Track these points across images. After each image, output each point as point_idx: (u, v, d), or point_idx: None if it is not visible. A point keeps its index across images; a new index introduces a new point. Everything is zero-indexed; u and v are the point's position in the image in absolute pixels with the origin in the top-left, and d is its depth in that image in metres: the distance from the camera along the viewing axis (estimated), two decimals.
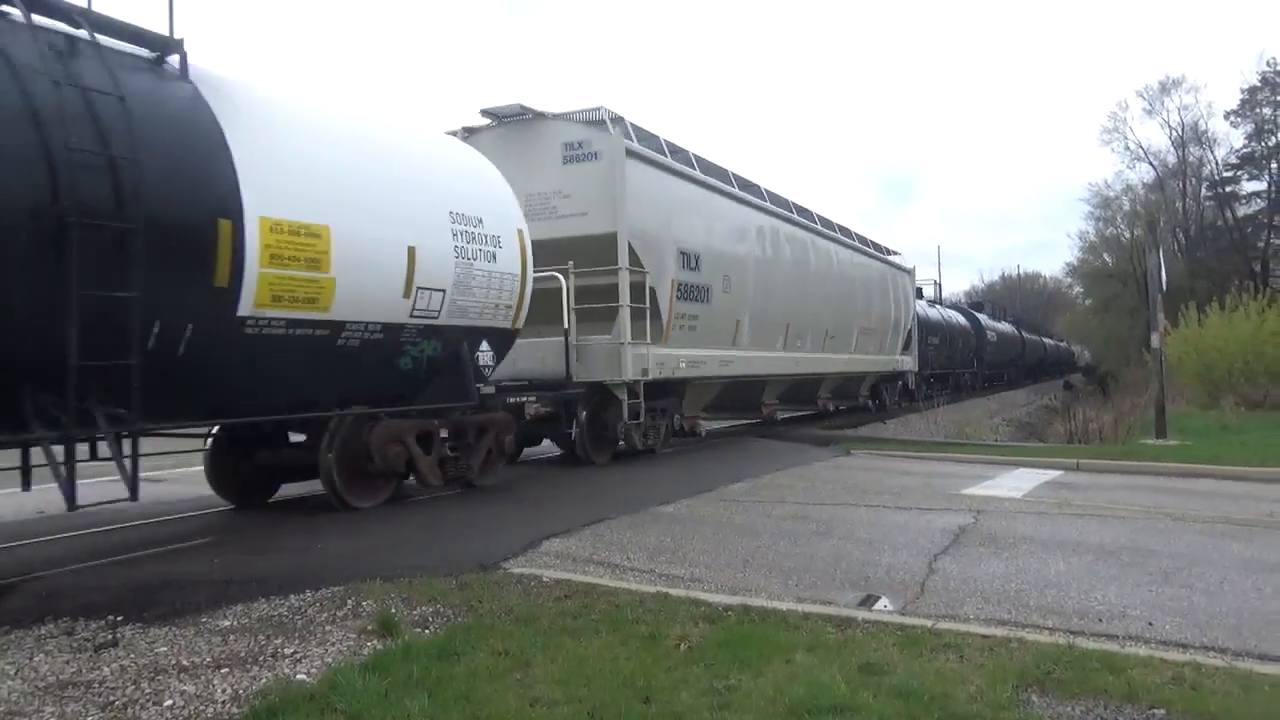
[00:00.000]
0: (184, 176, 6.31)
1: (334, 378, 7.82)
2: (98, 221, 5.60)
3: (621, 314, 11.31)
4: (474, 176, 9.39)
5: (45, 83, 5.55)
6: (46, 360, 5.43)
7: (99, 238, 5.60)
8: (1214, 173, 49.13)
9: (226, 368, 6.75)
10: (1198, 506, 8.76)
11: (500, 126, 12.20)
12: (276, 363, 7.16)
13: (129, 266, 5.73)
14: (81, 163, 5.59)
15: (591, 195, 11.56)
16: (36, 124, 5.46)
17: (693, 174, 13.49)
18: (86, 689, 3.84)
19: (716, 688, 3.82)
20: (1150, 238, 17.42)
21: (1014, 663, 4.12)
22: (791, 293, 16.27)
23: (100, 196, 5.66)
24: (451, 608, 5.04)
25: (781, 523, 7.84)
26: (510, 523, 7.78)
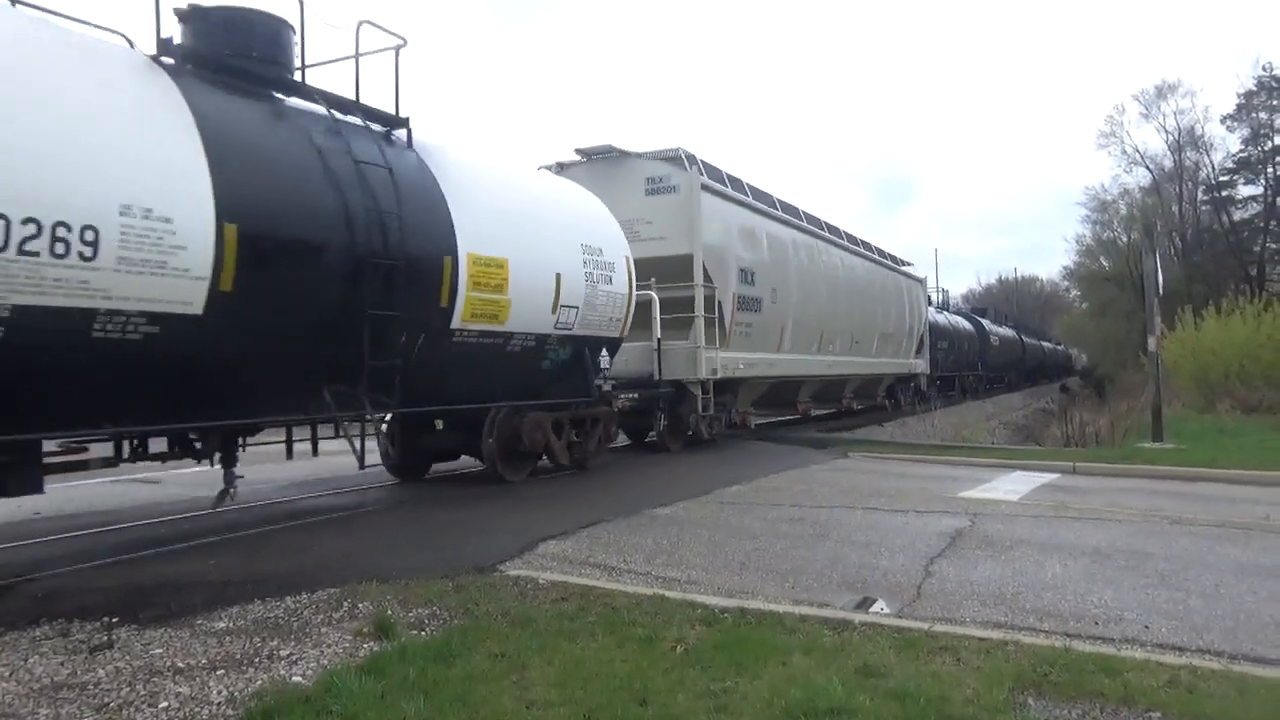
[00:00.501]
0: (425, 225, 8.40)
1: (500, 376, 9.80)
2: (378, 260, 7.68)
3: (697, 323, 13.43)
4: (594, 214, 11.47)
5: (343, 159, 7.66)
6: (342, 360, 7.61)
7: (378, 272, 7.69)
8: (1210, 177, 49.27)
9: (439, 368, 8.83)
10: (1194, 510, 8.76)
11: (589, 162, 14.32)
12: (467, 364, 9.22)
13: (395, 292, 7.85)
14: (367, 218, 7.66)
15: (670, 222, 13.69)
16: (338, 190, 7.50)
17: (748, 200, 15.63)
18: (81, 691, 3.83)
19: (713, 690, 3.82)
20: (1147, 242, 17.45)
21: (1010, 665, 4.12)
22: (824, 302, 18.26)
23: (379, 242, 7.74)
24: (448, 610, 5.04)
25: (778, 525, 7.84)
26: (507, 524, 7.77)
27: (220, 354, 6.69)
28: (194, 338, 6.37)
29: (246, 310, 6.65)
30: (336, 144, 7.70)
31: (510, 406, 10.00)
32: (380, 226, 7.76)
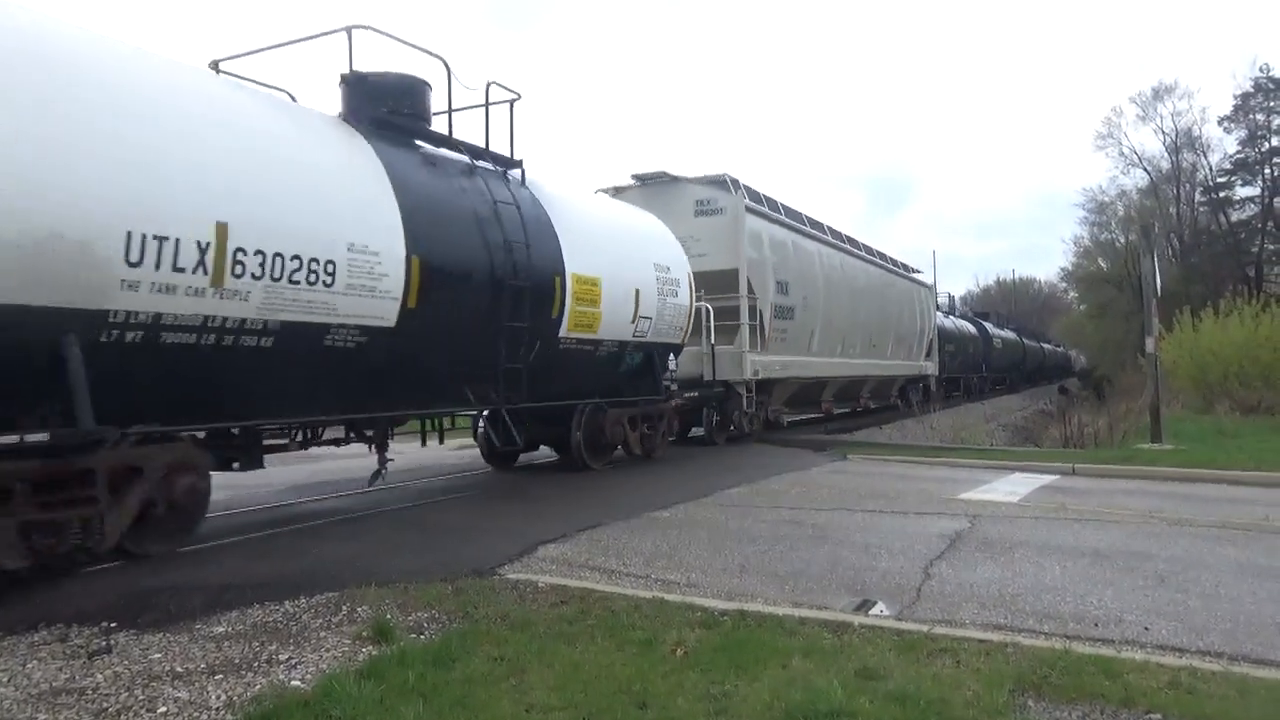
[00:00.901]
0: (542, 251, 10.03)
1: (588, 377, 11.49)
2: (511, 282, 9.40)
3: (743, 330, 15.02)
4: (663, 236, 13.24)
5: (483, 199, 9.44)
6: (481, 364, 9.39)
7: (510, 291, 9.40)
8: (1208, 178, 49.31)
9: (547, 370, 10.38)
10: (1193, 511, 8.76)
11: (644, 186, 15.82)
12: (567, 367, 10.89)
13: (522, 307, 9.54)
14: (503, 247, 9.36)
15: (717, 240, 15.20)
16: (481, 225, 9.23)
17: (781, 218, 17.32)
18: (80, 696, 3.82)
19: (713, 693, 3.81)
20: (1145, 243, 17.47)
21: (1010, 667, 4.11)
22: (846, 309, 19.84)
23: (511, 267, 9.43)
24: (447, 613, 5.03)
25: (778, 528, 7.84)
26: (505, 527, 7.77)
27: (400, 359, 8.35)
28: (387, 345, 8.08)
29: (421, 324, 8.32)
30: (476, 185, 9.54)
31: (595, 403, 11.77)
32: (512, 254, 9.47)
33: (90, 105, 5.87)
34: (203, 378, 6.77)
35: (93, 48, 6.31)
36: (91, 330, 5.82)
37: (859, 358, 20.67)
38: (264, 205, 6.92)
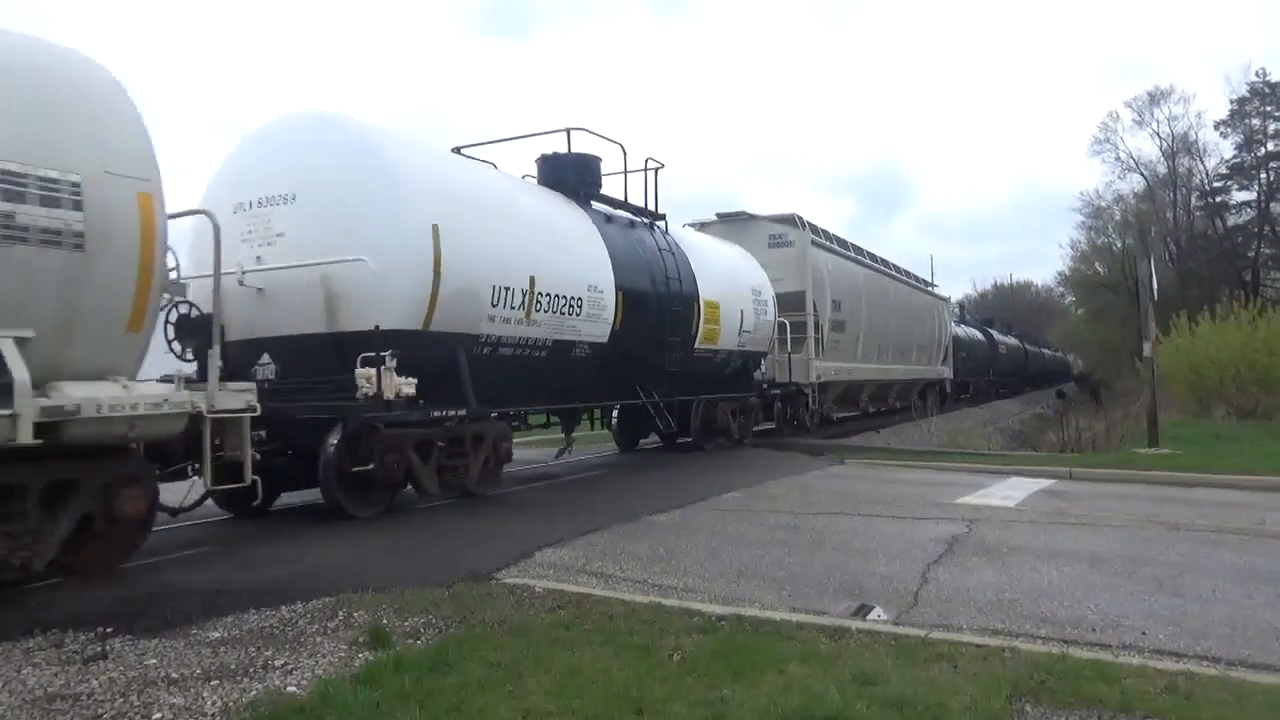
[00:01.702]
0: (686, 283, 13.65)
1: (705, 378, 14.94)
2: (670, 308, 12.99)
3: (809, 341, 18.29)
4: (754, 267, 16.70)
5: (649, 245, 13.13)
6: (650, 369, 13.02)
7: (670, 314, 13.01)
8: (1204, 183, 49.42)
9: (686, 373, 13.99)
10: (1190, 515, 8.77)
11: (723, 222, 19.06)
12: (695, 371, 14.33)
13: (676, 326, 13.25)
14: (664, 282, 13.01)
15: (787, 267, 18.28)
16: (649, 265, 12.83)
17: (834, 247, 20.86)
18: (75, 702, 3.81)
19: (710, 699, 3.80)
20: (1141, 247, 17.51)
21: (1008, 672, 4.11)
22: (881, 322, 23.08)
23: (670, 296, 13.07)
24: (444, 618, 5.02)
25: (775, 532, 7.83)
26: (503, 532, 7.76)
27: (607, 365, 11.92)
28: (602, 354, 11.70)
29: (621, 340, 11.93)
30: (640, 235, 13.30)
31: (710, 398, 15.07)
32: (669, 287, 13.14)
33: (474, 210, 9.78)
34: (514, 377, 10.36)
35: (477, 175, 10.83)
36: (470, 347, 9.53)
37: (890, 363, 24.10)
38: (552, 262, 10.65)
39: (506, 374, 10.13)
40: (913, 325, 26.41)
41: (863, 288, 21.91)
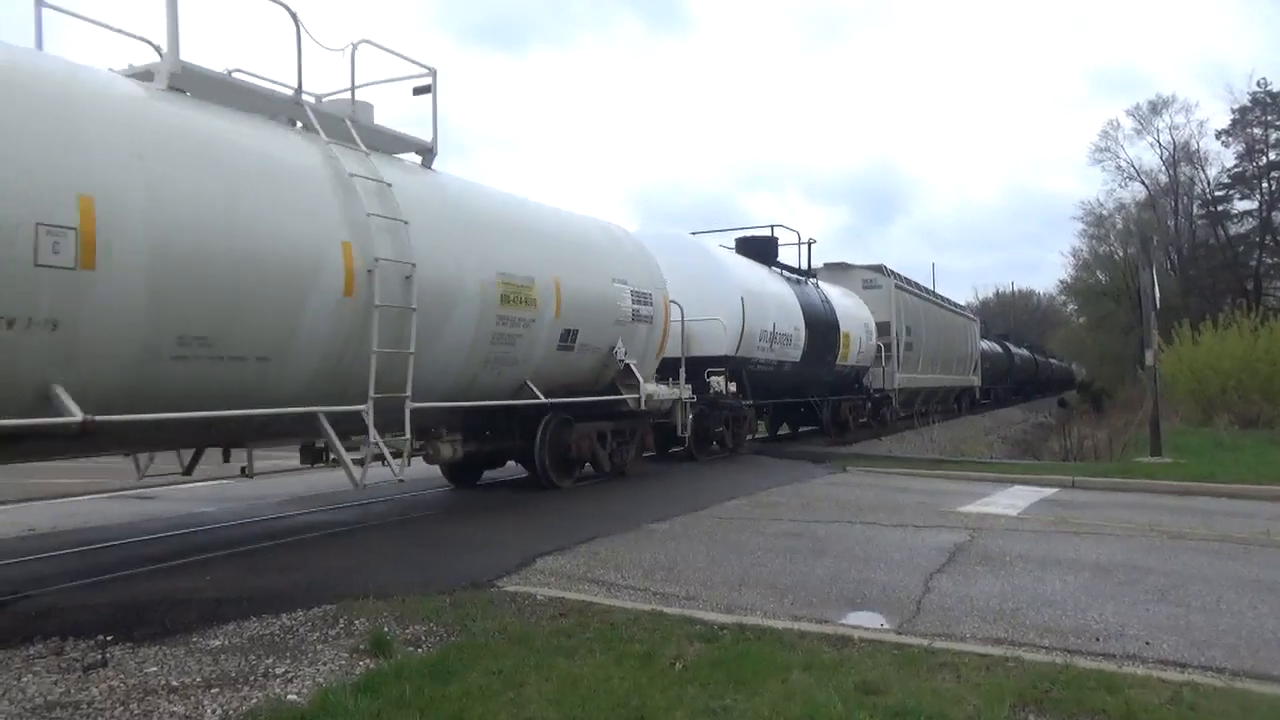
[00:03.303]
0: (832, 319, 19.67)
1: (834, 383, 20.38)
2: (829, 338, 19.17)
3: (894, 358, 23.46)
4: (859, 304, 22.31)
5: (815, 297, 19.17)
6: (819, 381, 19.47)
7: (829, 344, 19.43)
8: (1206, 192, 49.47)
9: (833, 383, 20.38)
10: (1194, 524, 8.74)
11: (828, 270, 23.51)
12: (836, 380, 20.54)
13: (830, 348, 19.21)
14: (823, 321, 18.96)
15: (877, 304, 23.37)
16: (815, 310, 18.63)
17: (907, 286, 26.45)
18: (75, 710, 3.80)
19: (712, 708, 3.79)
20: (1143, 256, 17.52)
21: (1011, 682, 4.09)
22: (934, 341, 28.41)
23: (827, 328, 19.30)
24: (445, 626, 5.00)
25: (777, 540, 7.81)
26: (504, 539, 7.74)
27: (798, 376, 17.82)
28: (796, 370, 17.60)
29: (805, 362, 17.63)
30: (808, 288, 19.12)
31: (836, 399, 20.59)
32: (827, 324, 18.90)
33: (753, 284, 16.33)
34: (760, 383, 16.47)
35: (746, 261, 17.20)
36: (746, 365, 15.68)
37: (940, 374, 29.64)
38: (780, 311, 16.76)
39: (758, 382, 16.38)
40: (954, 343, 32.19)
41: (923, 316, 27.63)
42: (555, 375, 10.35)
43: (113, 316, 5.75)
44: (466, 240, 8.86)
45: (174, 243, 6.06)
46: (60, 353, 5.52)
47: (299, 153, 7.47)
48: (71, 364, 5.59)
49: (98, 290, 5.63)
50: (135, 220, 5.86)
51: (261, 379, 6.88)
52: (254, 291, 6.61)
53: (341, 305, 7.29)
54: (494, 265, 9.10)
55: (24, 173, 5.32)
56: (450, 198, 9.14)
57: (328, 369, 7.38)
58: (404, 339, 7.81)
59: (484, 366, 9.22)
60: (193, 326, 6.23)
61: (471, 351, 8.97)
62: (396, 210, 7.91)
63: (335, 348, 7.37)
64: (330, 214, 7.36)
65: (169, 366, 6.17)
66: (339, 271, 7.25)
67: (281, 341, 6.94)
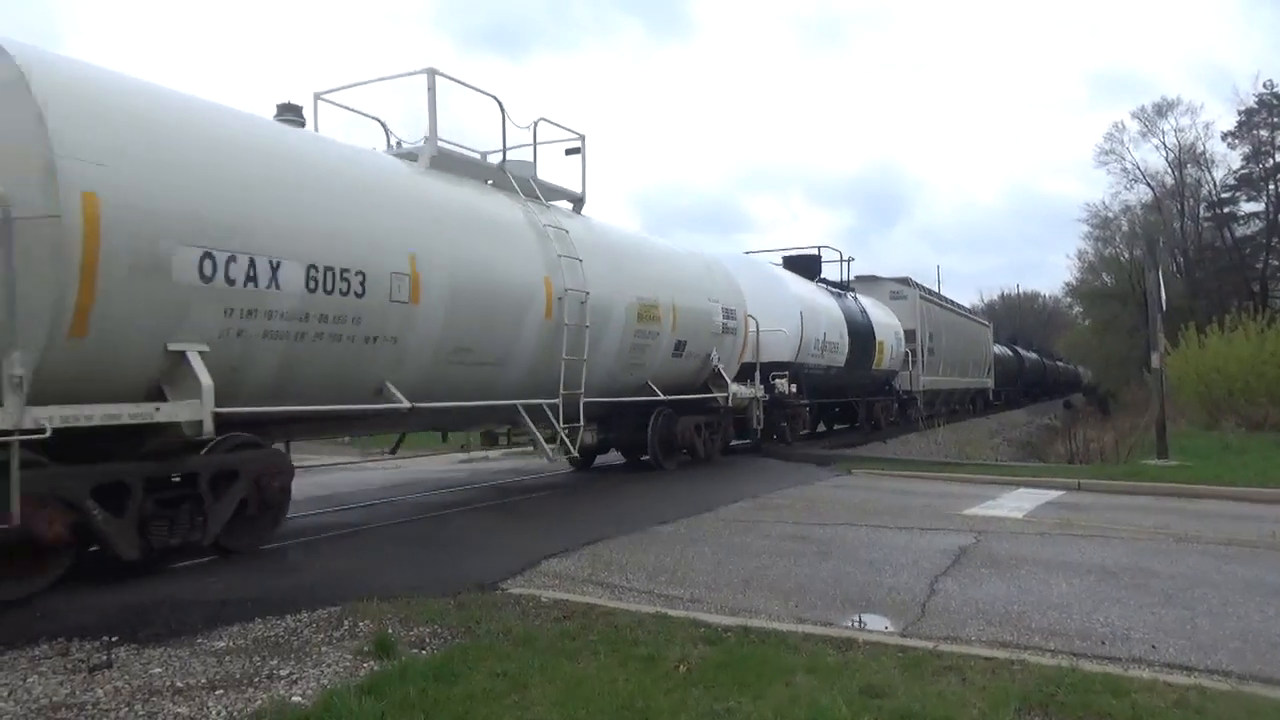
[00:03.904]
0: (869, 329, 21.93)
1: (869, 385, 22.78)
2: (866, 345, 21.60)
3: (919, 363, 25.54)
4: (887, 313, 24.16)
5: (855, 308, 21.51)
6: (858, 384, 21.85)
7: (866, 351, 21.63)
8: (1212, 193, 49.29)
9: (868, 384, 22.82)
10: (1200, 527, 8.71)
11: (859, 282, 24.44)
12: (870, 382, 22.82)
13: (868, 355, 21.42)
14: (862, 329, 21.49)
15: (903, 313, 25.40)
16: (855, 319, 20.99)
17: (930, 296, 29.04)
18: (80, 711, 3.81)
19: (716, 710, 3.78)
20: (1149, 258, 17.53)
21: (1016, 685, 4.08)
22: (953, 347, 30.78)
23: (865, 339, 21.67)
24: (449, 628, 5.00)
25: (781, 543, 7.80)
26: (508, 542, 7.75)
27: (840, 379, 19.98)
28: (840, 373, 19.84)
29: (848, 364, 20.02)
30: (848, 300, 21.16)
31: (869, 399, 23.15)
32: (864, 331, 20.89)
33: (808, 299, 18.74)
34: (812, 385, 18.28)
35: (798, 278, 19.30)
36: (802, 370, 17.67)
37: (958, 377, 31.82)
38: (828, 321, 19.08)
39: (810, 384, 18.35)
40: (971, 348, 34.48)
41: (943, 324, 30.00)
42: (668, 377, 12.94)
43: (424, 334, 8.33)
44: (615, 272, 11.40)
45: (460, 282, 8.68)
46: (394, 359, 8.10)
47: (510, 210, 10.04)
48: (398, 367, 8.16)
49: (419, 317, 8.23)
50: (439, 267, 8.43)
51: (494, 379, 9.53)
52: (496, 315, 9.28)
53: (543, 325, 9.89)
54: (634, 291, 11.72)
55: (382, 237, 7.87)
56: (600, 237, 11.63)
57: (531, 372, 9.92)
58: (580, 348, 10.35)
59: (623, 369, 11.88)
60: (464, 341, 8.84)
61: (617, 358, 11.59)
62: (573, 250, 10.40)
63: (538, 356, 9.93)
64: (536, 256, 9.93)
65: (446, 369, 8.75)
66: (543, 299, 9.88)
67: (508, 351, 9.55)
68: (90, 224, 5.69)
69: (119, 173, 5.89)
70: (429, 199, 8.77)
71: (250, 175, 6.89)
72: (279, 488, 7.14)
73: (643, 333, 11.89)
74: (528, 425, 10.00)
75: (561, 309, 10.02)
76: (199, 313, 6.36)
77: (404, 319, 8.01)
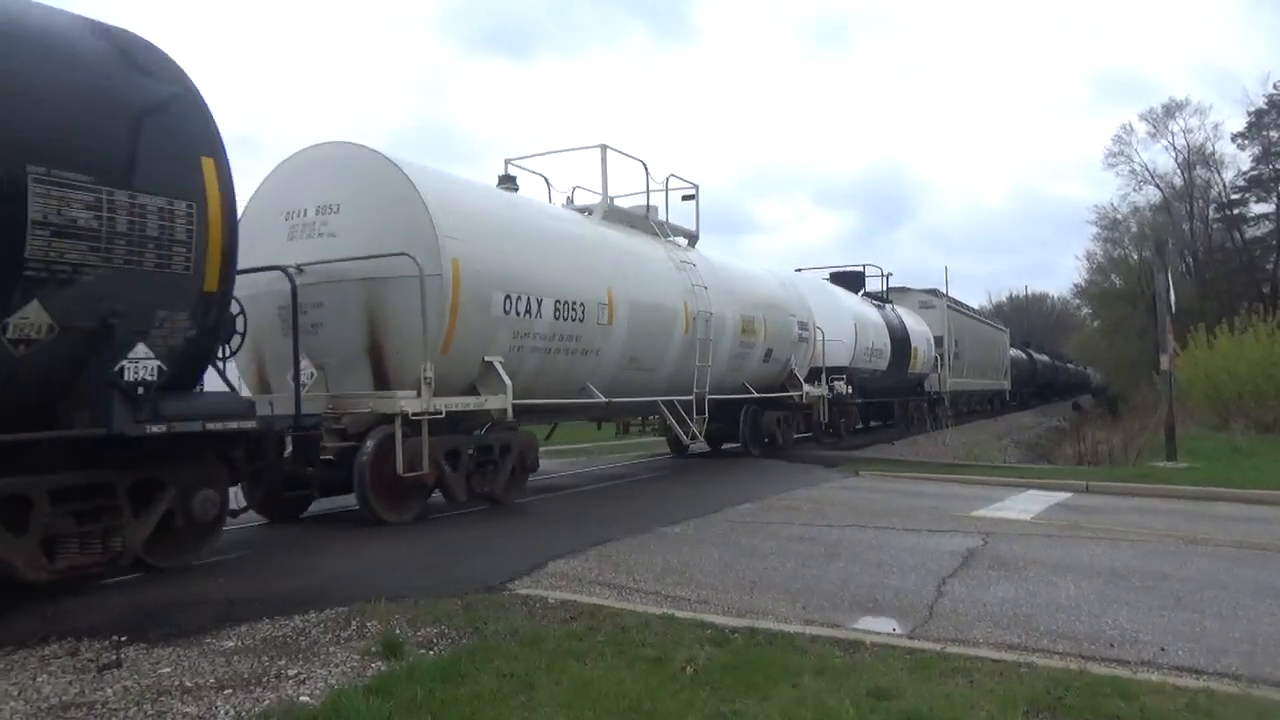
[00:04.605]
0: (906, 335, 24.49)
1: (908, 389, 25.85)
2: (903, 351, 24.86)
3: (945, 366, 28.15)
4: (919, 321, 26.56)
5: (892, 319, 24.05)
6: (899, 387, 24.94)
7: (904, 356, 25.12)
8: (1222, 195, 49.04)
9: (905, 387, 25.52)
10: (1210, 530, 8.67)
11: (891, 293, 26.63)
12: (905, 385, 25.36)
13: (904, 359, 24.34)
14: (899, 336, 24.10)
15: (932, 321, 27.97)
16: (893, 329, 23.47)
17: (957, 307, 32.02)
18: (89, 710, 3.82)
19: (723, 712, 3.78)
20: (1158, 260, 17.49)
21: (1025, 688, 4.06)
22: (975, 351, 33.64)
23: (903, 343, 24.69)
24: (456, 629, 5.01)
25: (789, 544, 7.79)
26: (515, 543, 7.75)
27: (885, 381, 22.71)
28: (882, 376, 22.40)
29: (890, 368, 22.75)
30: (888, 312, 23.87)
31: (904, 399, 25.44)
32: (901, 338, 23.56)
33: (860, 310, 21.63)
34: (869, 386, 21.47)
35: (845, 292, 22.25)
36: (857, 375, 20.26)
37: (979, 379, 34.62)
38: (875, 330, 21.89)
39: (861, 385, 20.60)
40: (990, 353, 37.36)
41: (967, 331, 33.00)
42: (758, 378, 15.88)
43: (613, 348, 11.39)
44: (726, 295, 14.26)
45: (635, 308, 11.70)
46: (594, 367, 11.17)
47: (657, 250, 13.17)
48: (595, 373, 11.21)
49: (611, 335, 11.30)
50: (623, 298, 11.45)
51: (650, 381, 12.57)
52: (654, 332, 12.27)
53: (683, 339, 12.88)
54: (739, 310, 14.64)
55: (593, 277, 11.04)
56: (714, 266, 14.52)
57: (672, 376, 12.93)
58: (706, 357, 13.41)
59: (729, 373, 14.66)
60: (635, 352, 11.87)
61: (727, 364, 14.41)
62: (700, 280, 13.40)
63: (677, 364, 12.91)
64: (677, 285, 12.95)
65: (622, 373, 11.77)
66: (683, 319, 12.87)
67: (659, 360, 12.55)
68: (455, 280, 8.73)
69: (465, 244, 8.94)
70: (612, 244, 11.94)
71: (524, 239, 10.22)
72: (533, 458, 10.32)
73: (744, 343, 14.87)
74: (666, 416, 13.24)
75: (695, 326, 13.02)
76: (501, 335, 9.51)
77: (602, 336, 11.10)
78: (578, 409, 11.97)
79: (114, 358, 5.68)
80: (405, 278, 8.28)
